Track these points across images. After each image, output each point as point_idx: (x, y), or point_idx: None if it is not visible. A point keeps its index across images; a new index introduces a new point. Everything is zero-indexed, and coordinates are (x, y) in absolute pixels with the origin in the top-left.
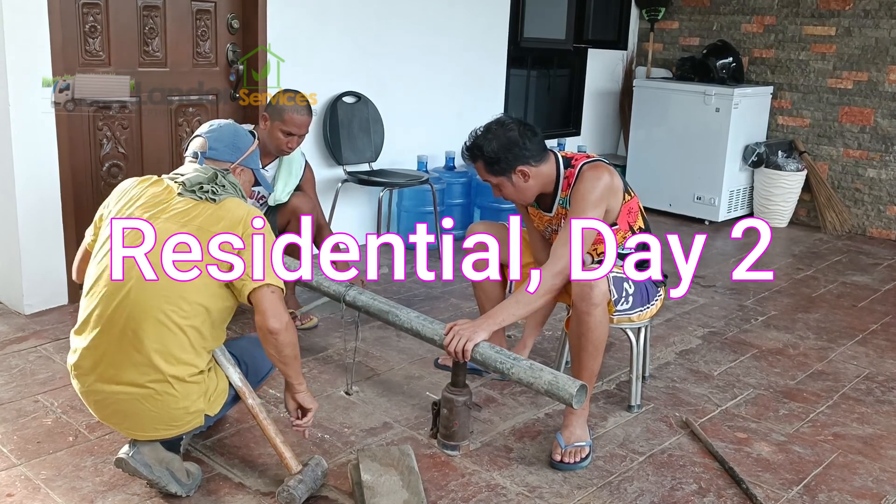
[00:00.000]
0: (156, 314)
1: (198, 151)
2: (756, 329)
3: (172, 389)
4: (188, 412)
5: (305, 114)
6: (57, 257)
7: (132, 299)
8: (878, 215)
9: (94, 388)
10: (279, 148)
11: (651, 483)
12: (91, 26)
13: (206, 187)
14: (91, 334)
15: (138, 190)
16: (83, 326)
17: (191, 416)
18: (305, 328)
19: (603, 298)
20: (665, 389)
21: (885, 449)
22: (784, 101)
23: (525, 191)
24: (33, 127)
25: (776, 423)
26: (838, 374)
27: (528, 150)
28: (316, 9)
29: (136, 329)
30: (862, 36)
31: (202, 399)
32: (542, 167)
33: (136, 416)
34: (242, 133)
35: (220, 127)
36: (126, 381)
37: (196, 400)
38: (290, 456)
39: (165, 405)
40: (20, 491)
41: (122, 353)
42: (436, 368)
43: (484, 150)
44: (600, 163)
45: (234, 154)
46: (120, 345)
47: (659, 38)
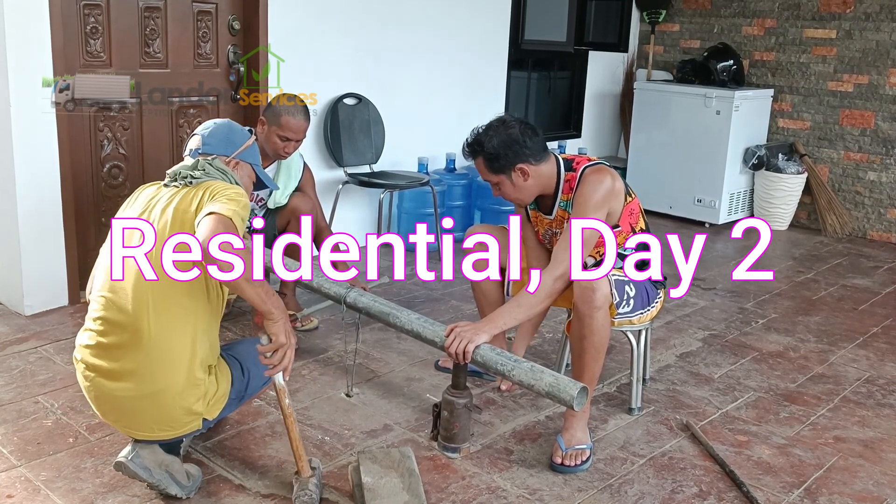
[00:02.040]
0: (156, 314)
1: (192, 148)
2: (756, 332)
3: (171, 391)
4: (187, 413)
5: (303, 119)
6: (57, 258)
7: (132, 299)
8: (879, 218)
9: (96, 383)
10: (276, 152)
11: (651, 486)
12: (92, 27)
13: (184, 173)
14: (94, 332)
15: (135, 195)
16: (88, 325)
17: (189, 418)
18: (306, 329)
19: (605, 301)
20: (665, 392)
21: (886, 452)
22: (785, 103)
23: (524, 190)
24: (34, 128)
25: (777, 426)
26: (839, 378)
27: (528, 149)
28: (317, 10)
29: (136, 329)
30: (863, 39)
31: (201, 402)
32: (543, 167)
33: (134, 414)
34: (237, 129)
35: (216, 124)
36: (126, 379)
37: (195, 403)
38: (307, 460)
39: (164, 406)
40: (20, 492)
41: (123, 352)
42: (436, 370)
43: (485, 146)
44: (602, 166)
45: (228, 148)
46: (120, 343)
47: (660, 40)
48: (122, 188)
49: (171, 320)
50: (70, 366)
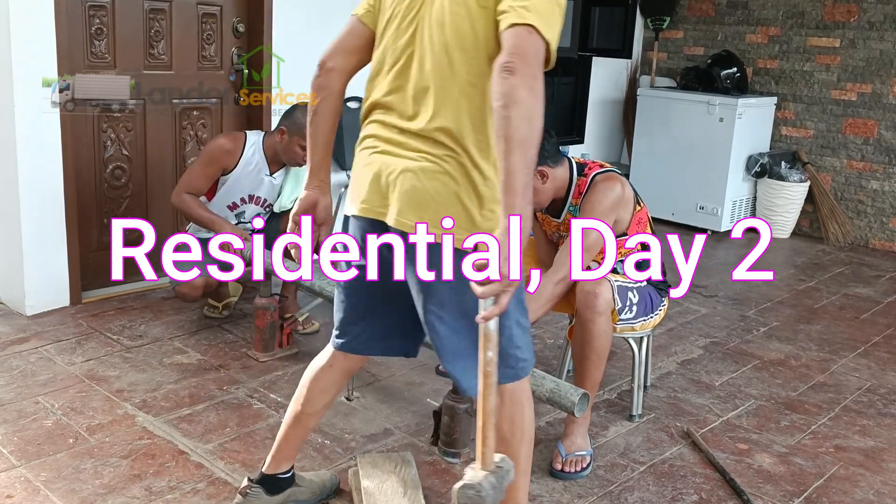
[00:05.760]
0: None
1: None
2: (758, 340)
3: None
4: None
5: None
6: (59, 259)
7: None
8: (881, 227)
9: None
10: (295, 161)
11: (652, 493)
12: (97, 28)
13: None
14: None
15: None
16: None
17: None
18: (307, 333)
19: (607, 307)
20: (666, 399)
21: (887, 462)
22: (788, 111)
23: (542, 193)
24: (38, 128)
25: (777, 434)
26: (840, 386)
27: (546, 151)
28: (321, 13)
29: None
30: (866, 48)
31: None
32: (558, 170)
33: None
34: None
35: None
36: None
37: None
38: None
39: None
40: (20, 492)
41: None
42: (437, 375)
43: None
44: (613, 174)
45: None
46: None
47: (663, 47)
48: (125, 189)
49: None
50: (70, 366)
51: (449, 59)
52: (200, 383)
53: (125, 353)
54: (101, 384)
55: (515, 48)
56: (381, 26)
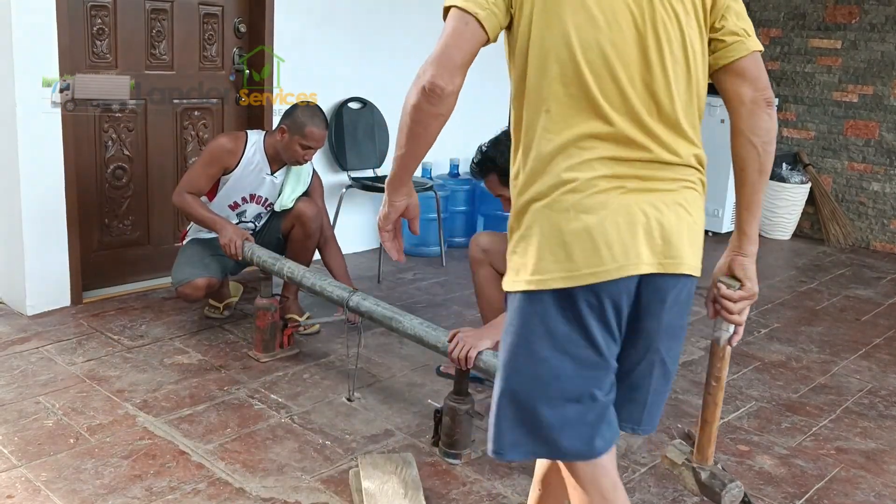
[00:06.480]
0: None
1: None
2: (759, 341)
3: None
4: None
5: (324, 128)
6: (60, 259)
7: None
8: (882, 229)
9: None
10: (295, 160)
11: (653, 495)
12: (99, 28)
13: None
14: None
15: None
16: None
17: None
18: (307, 333)
19: None
20: (667, 401)
21: (888, 464)
22: (789, 113)
23: None
24: (40, 128)
25: (778, 436)
26: (841, 388)
27: None
28: (322, 14)
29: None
30: (868, 49)
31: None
32: None
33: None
34: None
35: None
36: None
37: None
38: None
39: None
40: (20, 493)
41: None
42: (438, 376)
43: (497, 161)
44: None
45: None
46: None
47: None
48: (126, 189)
49: None
50: (71, 366)
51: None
52: (201, 384)
53: (126, 354)
54: (101, 384)
55: (765, 81)
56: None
